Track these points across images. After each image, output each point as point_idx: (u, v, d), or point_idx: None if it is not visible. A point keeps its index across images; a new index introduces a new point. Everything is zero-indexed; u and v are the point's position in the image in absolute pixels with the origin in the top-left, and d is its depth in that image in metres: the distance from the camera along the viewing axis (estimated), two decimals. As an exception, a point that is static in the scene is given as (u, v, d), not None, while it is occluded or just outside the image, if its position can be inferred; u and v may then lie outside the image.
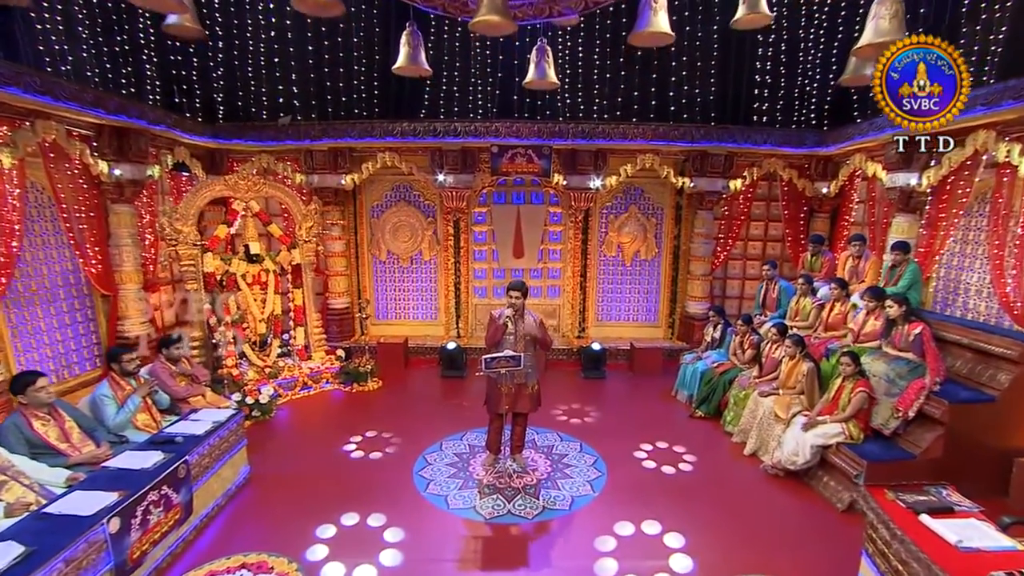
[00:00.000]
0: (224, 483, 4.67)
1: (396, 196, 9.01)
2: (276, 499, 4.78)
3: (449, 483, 5.04)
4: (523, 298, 5.00)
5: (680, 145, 8.16)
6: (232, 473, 4.81)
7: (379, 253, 9.16)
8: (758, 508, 4.73)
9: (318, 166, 8.35)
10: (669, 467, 5.42)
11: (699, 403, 6.75)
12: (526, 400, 5.11)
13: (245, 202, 7.24)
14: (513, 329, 5.01)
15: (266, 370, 7.27)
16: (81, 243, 6.21)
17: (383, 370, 8.08)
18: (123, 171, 6.38)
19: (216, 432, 4.57)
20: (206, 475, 4.39)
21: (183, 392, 5.15)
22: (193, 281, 6.76)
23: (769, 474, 5.27)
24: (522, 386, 5.09)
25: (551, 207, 9.01)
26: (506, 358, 4.71)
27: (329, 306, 8.98)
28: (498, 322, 4.96)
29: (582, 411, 6.79)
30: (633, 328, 9.31)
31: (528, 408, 5.15)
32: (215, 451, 4.52)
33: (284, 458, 5.52)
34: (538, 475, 5.19)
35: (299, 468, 5.31)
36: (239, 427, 4.96)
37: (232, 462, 4.82)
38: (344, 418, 6.58)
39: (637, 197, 8.98)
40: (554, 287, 9.29)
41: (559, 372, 8.37)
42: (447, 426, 6.20)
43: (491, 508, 4.63)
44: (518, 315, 5.01)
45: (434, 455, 5.56)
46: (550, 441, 5.94)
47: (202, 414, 4.86)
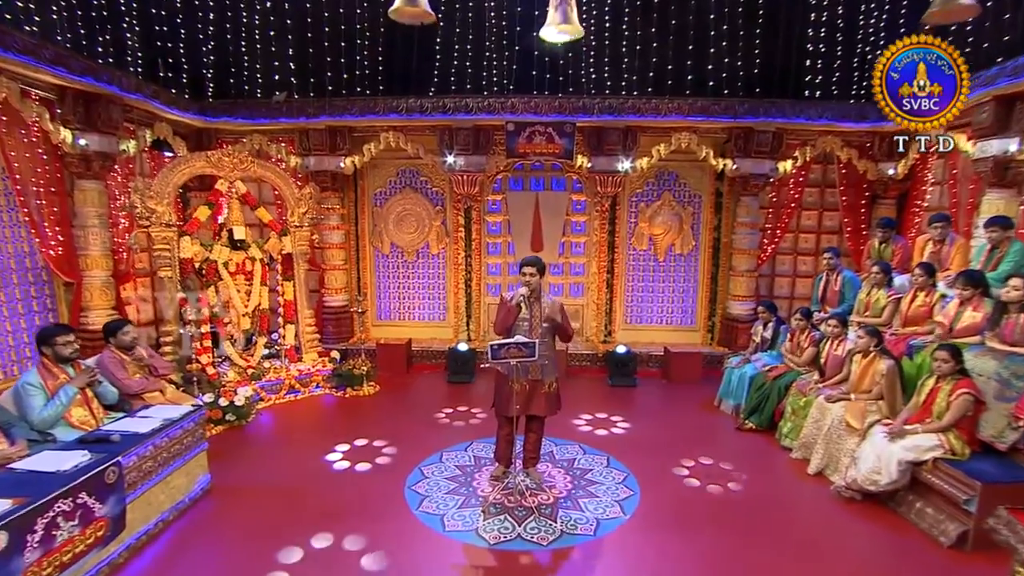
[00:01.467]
0: (174, 494, 4.01)
1: (401, 182, 8.45)
2: (237, 515, 4.12)
3: (447, 500, 4.31)
4: (540, 276, 4.31)
5: (721, 121, 7.43)
6: (186, 482, 4.15)
7: (382, 246, 8.57)
8: (830, 539, 3.90)
9: (315, 147, 7.83)
10: (715, 486, 4.62)
11: (749, 413, 5.92)
12: (542, 401, 4.38)
13: (230, 182, 6.70)
14: (528, 313, 4.32)
15: (248, 371, 6.65)
16: (39, 222, 5.70)
17: (382, 374, 7.45)
18: (90, 142, 5.90)
19: (165, 431, 3.92)
20: (148, 483, 3.73)
21: (135, 386, 4.54)
22: (167, 268, 6.19)
23: (842, 497, 4.42)
24: (537, 383, 4.37)
25: (574, 194, 8.34)
26: (517, 345, 4.00)
27: (325, 304, 8.40)
28: (510, 304, 4.27)
29: (609, 421, 6.01)
30: (667, 332, 8.52)
31: (545, 410, 4.42)
32: (162, 454, 3.87)
33: (255, 468, 4.90)
34: (556, 493, 4.43)
35: (271, 479, 4.68)
36: (198, 428, 4.31)
37: (186, 469, 4.16)
38: (332, 425, 5.96)
39: (671, 183, 8.25)
40: (577, 285, 8.56)
41: (582, 379, 7.61)
42: (450, 436, 5.52)
43: (497, 531, 3.88)
44: (534, 296, 4.32)
45: (432, 468, 4.85)
46: (571, 454, 5.17)
47: (155, 411, 4.23)
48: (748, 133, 7.48)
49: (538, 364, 4.32)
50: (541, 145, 7.59)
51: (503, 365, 4.31)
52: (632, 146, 7.71)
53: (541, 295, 4.39)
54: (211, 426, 5.55)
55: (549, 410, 4.45)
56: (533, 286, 4.30)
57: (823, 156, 7.75)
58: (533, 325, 4.34)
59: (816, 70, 7.80)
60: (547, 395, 4.41)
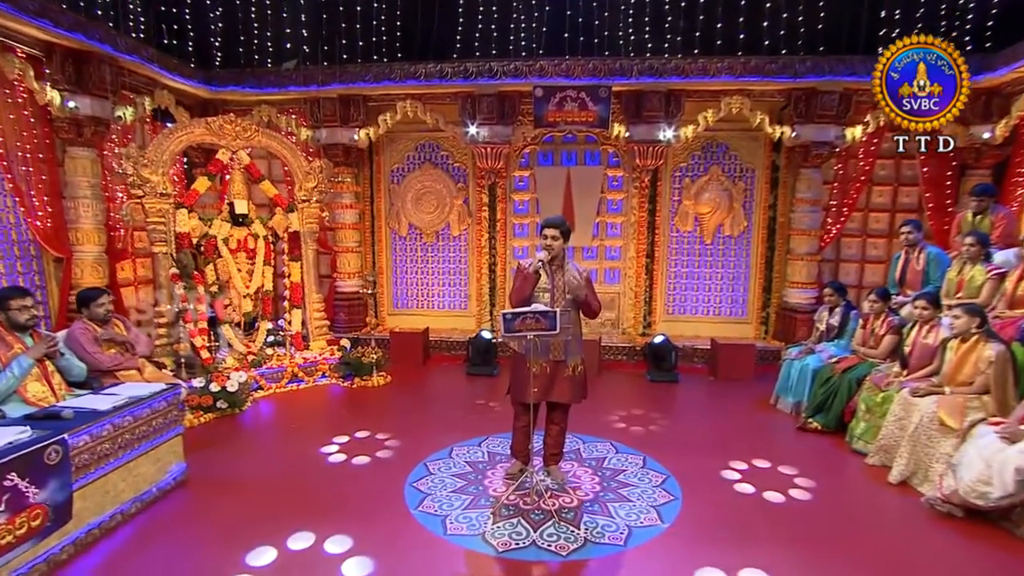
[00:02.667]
0: (138, 483, 3.62)
1: (420, 157, 8.04)
2: (211, 510, 3.72)
3: (452, 499, 3.81)
4: (564, 240, 3.78)
5: (778, 82, 6.76)
6: (154, 470, 3.76)
7: (398, 227, 8.17)
8: (923, 562, 3.23)
9: (326, 118, 7.49)
10: (775, 493, 3.97)
11: (812, 411, 5.23)
12: (565, 385, 3.84)
13: (232, 151, 6.39)
14: (549, 282, 3.80)
15: (249, 358, 6.30)
16: (25, 191, 5.47)
17: (395, 364, 7.05)
18: (80, 105, 5.66)
19: (129, 410, 3.54)
20: (104, 467, 3.34)
21: (107, 362, 4.19)
22: (162, 243, 5.89)
23: (937, 511, 3.72)
24: (560, 365, 3.83)
25: (610, 169, 7.77)
26: (535, 315, 3.47)
27: (337, 289, 8.04)
28: (527, 271, 3.75)
29: (647, 418, 5.41)
30: (714, 324, 7.84)
31: (568, 397, 3.88)
32: (123, 435, 3.48)
33: (241, 459, 4.53)
34: (581, 495, 3.87)
35: (256, 472, 4.29)
36: (171, 409, 3.92)
37: (155, 455, 3.77)
38: (334, 416, 5.59)
39: (720, 155, 7.59)
40: (612, 270, 7.97)
41: (618, 374, 7.02)
42: (464, 430, 5.05)
43: (507, 537, 3.35)
44: (556, 264, 3.79)
45: (439, 463, 4.36)
46: (601, 452, 4.60)
47: (125, 388, 3.88)
48: (810, 95, 6.77)
49: (560, 341, 3.80)
50: (573, 113, 7.05)
51: (519, 341, 3.79)
52: (675, 113, 7.10)
53: (565, 262, 3.86)
54: (200, 413, 5.21)
55: (573, 397, 3.91)
56: (555, 251, 3.79)
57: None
58: (555, 297, 3.83)
59: (893, 19, 7.00)
60: (571, 379, 3.87)
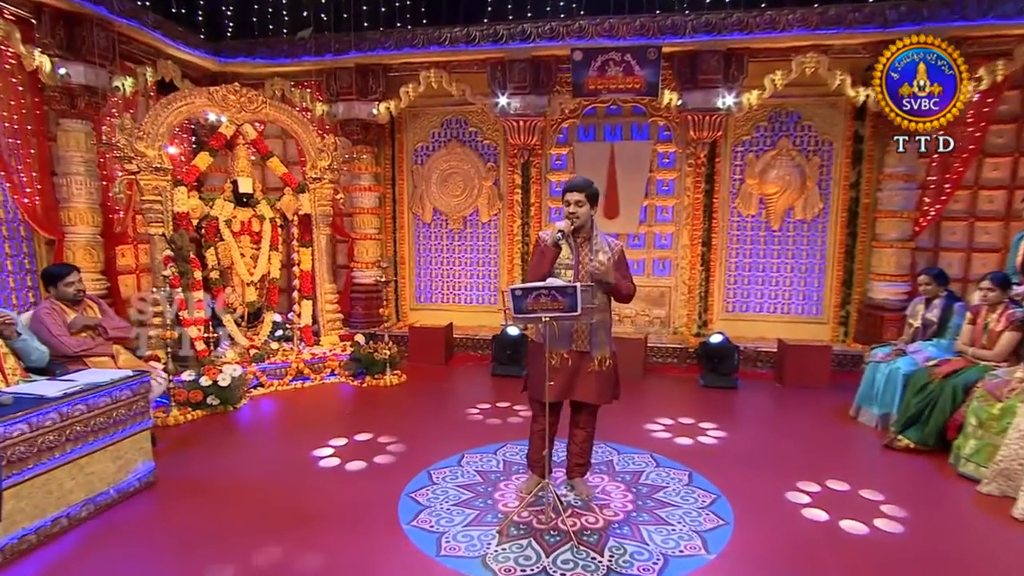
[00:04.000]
0: (92, 483, 3.36)
1: (446, 134, 7.75)
2: (176, 517, 3.45)
3: (453, 514, 3.40)
4: (590, 207, 3.33)
5: (864, 33, 6.09)
6: (113, 469, 3.50)
7: (422, 212, 7.88)
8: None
9: (343, 91, 7.28)
10: (855, 523, 3.39)
11: (904, 425, 4.57)
12: (591, 381, 3.39)
13: (237, 125, 6.22)
14: (572, 257, 3.37)
15: (251, 351, 6.09)
16: (12, 165, 5.40)
17: (413, 363, 6.80)
18: (73, 72, 5.55)
19: (82, 398, 3.29)
20: (46, 463, 3.09)
21: (73, 345, 3.99)
22: (157, 223, 5.75)
23: (1077, 553, 3.06)
24: (584, 357, 3.39)
25: (660, 144, 7.25)
26: (550, 292, 3.04)
27: (354, 281, 7.79)
28: (545, 243, 3.33)
29: (697, 428, 4.88)
30: (782, 323, 7.18)
31: (595, 396, 3.42)
32: (74, 427, 3.23)
33: (222, 460, 4.29)
34: (608, 515, 3.39)
35: (235, 475, 4.02)
36: (137, 399, 3.67)
37: (115, 452, 3.52)
38: (336, 416, 5.31)
39: (791, 125, 6.96)
40: (662, 261, 7.43)
41: (666, 378, 6.50)
42: (480, 435, 4.69)
43: (513, 562, 2.92)
44: (582, 235, 3.39)
45: (444, 472, 3.98)
46: (638, 465, 4.11)
47: (85, 374, 3.64)
48: (903, 49, 6.06)
49: (584, 326, 3.35)
50: (617, 78, 6.57)
51: (533, 324, 3.36)
52: (737, 76, 6.52)
53: (594, 234, 3.41)
54: (187, 410, 5.00)
55: (600, 395, 3.44)
56: (580, 219, 3.35)
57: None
58: (580, 275, 3.38)
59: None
60: (598, 375, 3.41)
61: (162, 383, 4.41)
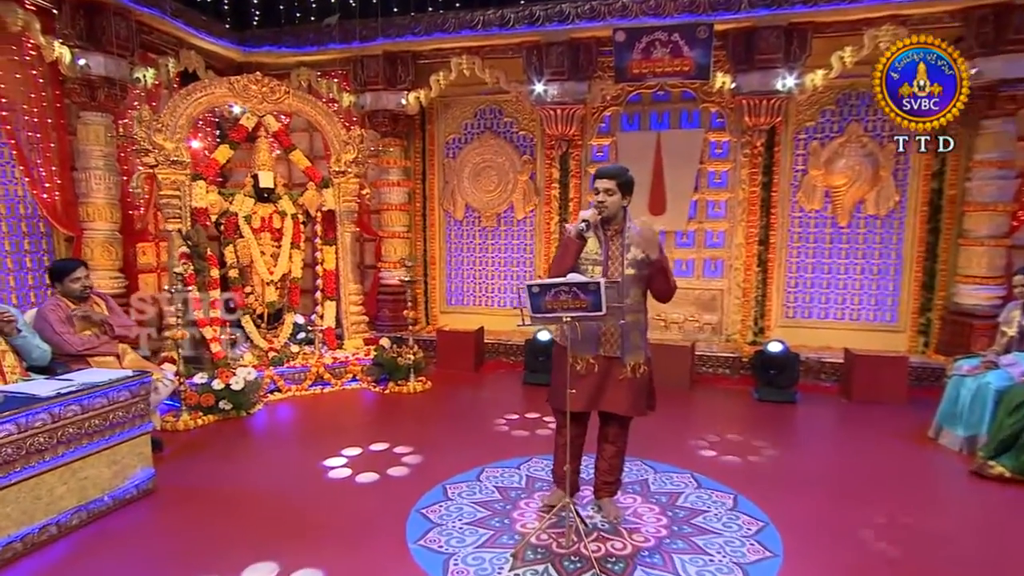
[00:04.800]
0: (85, 489, 3.36)
1: (480, 125, 7.68)
2: (172, 527, 3.43)
3: (465, 533, 3.27)
4: (622, 196, 3.18)
5: (950, 0, 5.70)
6: (109, 475, 3.50)
7: (454, 208, 7.82)
8: None
9: (370, 80, 7.28)
10: (930, 561, 3.08)
11: (996, 450, 4.20)
12: (622, 390, 3.22)
13: (258, 115, 6.27)
14: (600, 250, 3.21)
15: (270, 354, 6.10)
16: (31, 160, 5.56)
17: (440, 369, 6.78)
18: (93, 63, 5.69)
19: (75, 398, 3.29)
20: (35, 466, 3.09)
21: (77, 344, 4.03)
22: (175, 219, 5.82)
23: None
24: (614, 363, 3.22)
25: (712, 133, 6.98)
26: (571, 288, 2.87)
27: (382, 281, 7.77)
28: (568, 234, 3.17)
29: (747, 446, 4.61)
30: (852, 332, 6.78)
31: (625, 406, 3.24)
32: (66, 429, 3.23)
33: (228, 467, 4.26)
34: (638, 540, 3.19)
35: (239, 484, 3.99)
36: (137, 401, 3.66)
37: (111, 456, 3.51)
38: (352, 424, 5.27)
39: (862, 109, 6.57)
40: (714, 261, 7.14)
41: (716, 391, 6.24)
42: (504, 448, 4.58)
43: (526, 592, 2.75)
44: (612, 227, 3.24)
45: (461, 486, 3.86)
46: (676, 485, 3.89)
47: (84, 374, 3.66)
48: (1001, 14, 5.56)
49: (614, 329, 3.17)
50: (663, 61, 6.36)
51: (559, 328, 3.18)
52: (799, 54, 6.19)
53: (626, 226, 3.23)
54: (198, 414, 5.01)
55: (632, 406, 3.25)
56: (609, 209, 3.19)
57: None
58: (609, 270, 3.21)
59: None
60: (630, 383, 3.22)
61: (168, 385, 4.43)
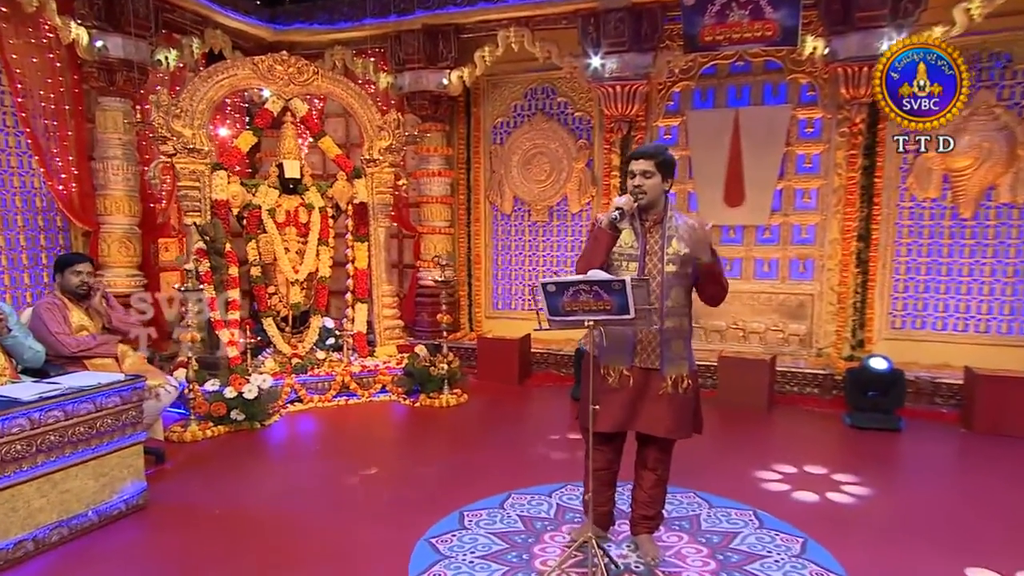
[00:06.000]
0: (67, 503, 3.46)
1: (530, 106, 7.71)
2: (158, 547, 3.55)
3: (476, 569, 3.20)
4: (662, 180, 3.04)
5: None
6: (95, 488, 3.60)
7: (501, 201, 7.85)
8: None
9: (409, 58, 7.37)
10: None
11: None
12: (661, 409, 3.07)
13: (284, 99, 6.42)
14: (637, 244, 3.08)
15: (293, 361, 6.22)
16: (45, 149, 5.87)
17: (481, 380, 6.92)
18: (111, 45, 5.97)
19: (59, 403, 3.40)
20: (10, 476, 3.18)
21: (72, 344, 4.20)
22: (194, 212, 6.02)
23: None
24: (651, 375, 3.08)
25: (801, 109, 6.70)
26: (592, 287, 2.74)
27: (421, 283, 7.82)
28: (599, 225, 3.05)
29: (828, 481, 4.35)
30: (977, 346, 6.29)
31: (667, 427, 3.09)
32: (47, 436, 3.33)
33: (230, 483, 4.36)
34: (677, 588, 3.03)
35: (239, 502, 4.06)
36: (129, 408, 3.77)
37: (98, 468, 3.62)
38: (373, 440, 5.38)
39: (995, 72, 6.12)
40: (802, 261, 6.83)
41: (797, 412, 6.01)
42: (538, 472, 4.50)
43: (532, 642, 2.64)
44: (652, 217, 3.10)
45: (481, 514, 3.80)
46: (734, 523, 3.68)
47: (71, 377, 3.79)
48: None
49: (652, 336, 3.02)
50: (741, 25, 6.15)
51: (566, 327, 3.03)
52: (911, 9, 5.75)
53: (668, 215, 3.09)
54: (207, 424, 5.15)
55: (674, 427, 3.08)
56: (648, 196, 3.03)
57: None
58: (647, 268, 3.05)
59: None
60: (671, 399, 3.06)
61: (171, 392, 4.55)
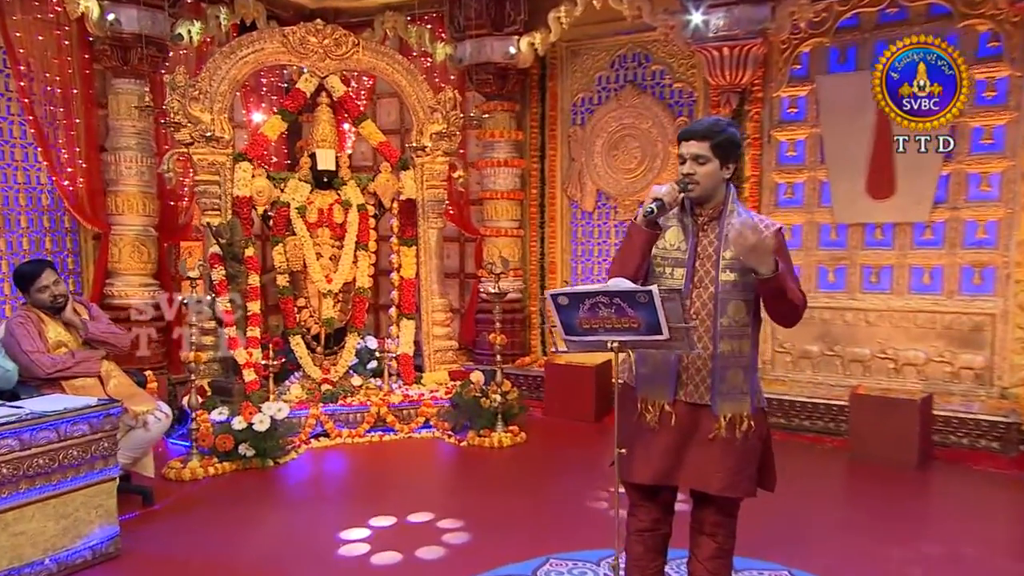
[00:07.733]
0: (21, 548, 3.53)
1: (617, 78, 7.67)
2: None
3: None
4: (720, 163, 2.80)
5: None
6: (56, 531, 3.68)
7: (581, 196, 7.84)
8: None
9: (470, 24, 7.41)
10: None
11: None
12: (713, 456, 2.82)
13: (319, 76, 6.55)
14: (688, 243, 2.86)
15: (323, 387, 6.29)
16: (51, 139, 6.19)
17: (547, 416, 6.97)
18: (124, 18, 6.22)
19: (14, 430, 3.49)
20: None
21: (47, 364, 4.33)
22: (214, 210, 6.22)
23: None
24: (700, 412, 2.84)
25: (976, 67, 6.23)
26: (612, 299, 2.54)
27: (483, 295, 7.76)
28: (635, 220, 2.85)
29: (996, 567, 3.98)
30: None
31: (721, 481, 2.82)
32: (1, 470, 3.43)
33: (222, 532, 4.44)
34: None
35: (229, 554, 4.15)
36: (100, 438, 3.85)
37: (60, 508, 3.69)
38: (400, 485, 5.39)
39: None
40: (978, 270, 6.35)
41: (962, 473, 5.60)
42: (585, 533, 4.34)
43: None
44: (706, 213, 2.89)
45: (512, 583, 3.67)
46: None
47: (36, 401, 3.92)
48: None
49: (702, 362, 2.79)
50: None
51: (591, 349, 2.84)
52: None
53: (727, 209, 2.85)
54: (211, 460, 5.24)
55: (732, 481, 2.81)
56: (701, 187, 2.78)
57: None
58: (698, 275, 2.82)
59: None
60: (724, 445, 2.79)
61: (161, 421, 4.63)
